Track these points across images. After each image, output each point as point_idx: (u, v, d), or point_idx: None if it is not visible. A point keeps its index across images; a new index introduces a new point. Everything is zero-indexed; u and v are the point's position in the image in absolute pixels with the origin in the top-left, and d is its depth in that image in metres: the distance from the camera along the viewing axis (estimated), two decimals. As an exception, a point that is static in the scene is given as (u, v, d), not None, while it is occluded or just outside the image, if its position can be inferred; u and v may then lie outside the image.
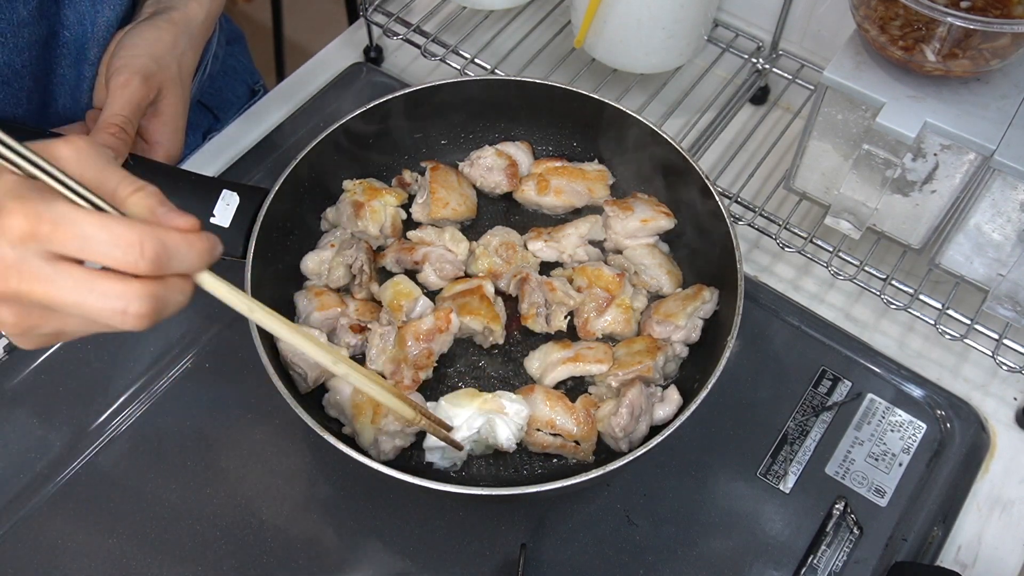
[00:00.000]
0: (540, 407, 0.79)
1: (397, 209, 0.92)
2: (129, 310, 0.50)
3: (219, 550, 0.79)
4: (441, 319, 0.82)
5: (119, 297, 0.50)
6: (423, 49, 1.08)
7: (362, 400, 0.78)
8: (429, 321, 0.82)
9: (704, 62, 1.10)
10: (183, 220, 0.51)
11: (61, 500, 0.81)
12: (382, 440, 0.77)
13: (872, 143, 0.81)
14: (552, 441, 0.78)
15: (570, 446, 0.79)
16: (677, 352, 0.84)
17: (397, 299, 0.84)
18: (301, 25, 2.36)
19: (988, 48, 0.74)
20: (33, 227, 0.48)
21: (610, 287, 0.85)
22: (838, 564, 0.79)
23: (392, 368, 0.81)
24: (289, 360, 0.79)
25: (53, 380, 0.88)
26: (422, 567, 0.79)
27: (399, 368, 0.81)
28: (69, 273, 0.49)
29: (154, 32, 0.81)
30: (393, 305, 0.84)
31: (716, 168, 1.03)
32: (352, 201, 0.90)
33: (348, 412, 0.79)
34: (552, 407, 0.79)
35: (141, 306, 0.50)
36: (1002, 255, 0.82)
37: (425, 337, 0.82)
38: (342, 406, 0.79)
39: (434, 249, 0.88)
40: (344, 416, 0.80)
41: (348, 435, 0.79)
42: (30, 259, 0.49)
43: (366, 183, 0.92)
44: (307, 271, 0.87)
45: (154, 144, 0.82)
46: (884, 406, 0.88)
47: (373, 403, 0.77)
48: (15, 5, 0.79)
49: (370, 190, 0.91)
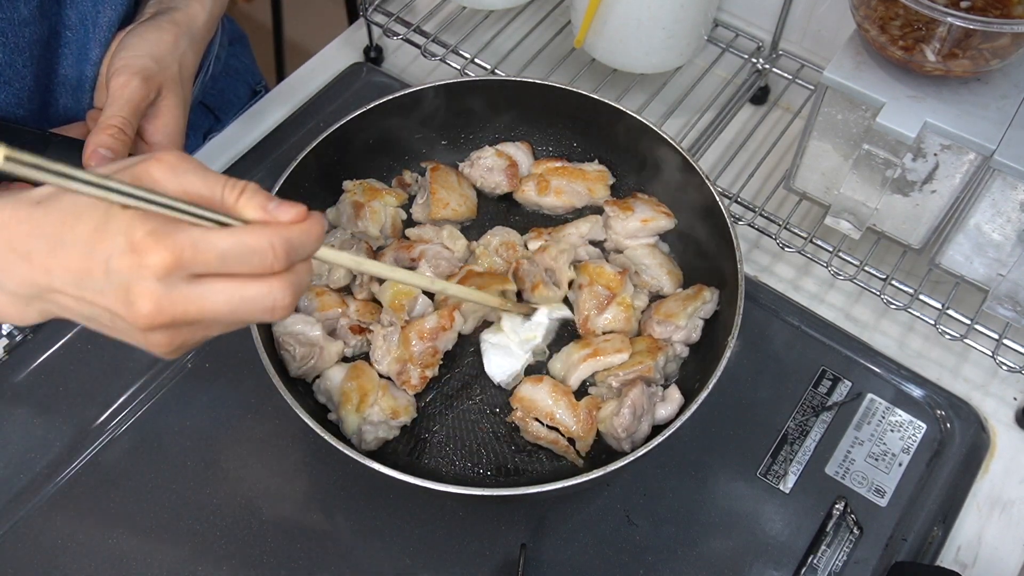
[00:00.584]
0: (543, 397, 0.79)
1: (397, 210, 0.92)
2: (277, 305, 0.54)
3: (219, 550, 0.79)
4: (444, 317, 0.82)
5: (266, 297, 0.54)
6: (423, 49, 1.08)
7: (350, 388, 0.78)
8: (433, 320, 0.82)
9: (704, 62, 1.10)
10: (294, 211, 0.54)
11: (61, 500, 0.81)
12: (366, 430, 0.78)
13: (872, 143, 0.81)
14: (546, 434, 0.79)
15: (563, 443, 0.79)
16: (678, 352, 0.84)
17: (398, 299, 0.84)
18: (301, 25, 2.36)
19: (988, 48, 0.74)
20: (176, 258, 0.51)
21: (611, 285, 0.85)
22: (838, 564, 0.79)
23: (398, 368, 0.82)
24: (281, 340, 0.80)
25: (53, 380, 0.88)
26: (422, 567, 0.79)
27: (405, 368, 0.81)
28: (217, 289, 0.53)
29: (155, 33, 0.81)
30: (395, 305, 0.84)
31: (716, 168, 1.03)
32: (352, 202, 0.90)
33: (336, 399, 0.79)
34: (556, 400, 0.79)
35: (285, 298, 0.55)
36: (1002, 255, 0.82)
37: (430, 336, 0.82)
38: (330, 392, 0.80)
39: (431, 247, 0.88)
40: (331, 403, 0.80)
41: (333, 422, 0.80)
42: (178, 286, 0.52)
43: (366, 184, 0.92)
44: None
45: (154, 145, 0.82)
46: (884, 406, 0.88)
47: (360, 391, 0.78)
48: (16, 4, 0.79)
49: (370, 191, 0.91)
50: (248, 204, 0.54)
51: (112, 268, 0.51)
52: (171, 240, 0.51)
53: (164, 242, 0.50)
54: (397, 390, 0.82)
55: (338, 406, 0.79)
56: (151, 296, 0.51)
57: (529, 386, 0.81)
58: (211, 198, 0.54)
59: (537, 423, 0.79)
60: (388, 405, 0.79)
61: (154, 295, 0.51)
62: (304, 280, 0.57)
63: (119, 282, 0.51)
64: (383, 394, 0.79)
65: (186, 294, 0.52)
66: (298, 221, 0.54)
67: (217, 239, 0.52)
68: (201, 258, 0.51)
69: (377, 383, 0.80)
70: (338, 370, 0.82)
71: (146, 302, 0.51)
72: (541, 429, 0.79)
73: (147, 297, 0.51)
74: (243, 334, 0.76)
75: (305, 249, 0.55)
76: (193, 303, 0.52)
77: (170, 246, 0.50)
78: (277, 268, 0.54)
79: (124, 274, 0.51)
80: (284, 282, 0.55)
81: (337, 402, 0.79)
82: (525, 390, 0.81)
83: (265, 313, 0.55)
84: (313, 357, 0.81)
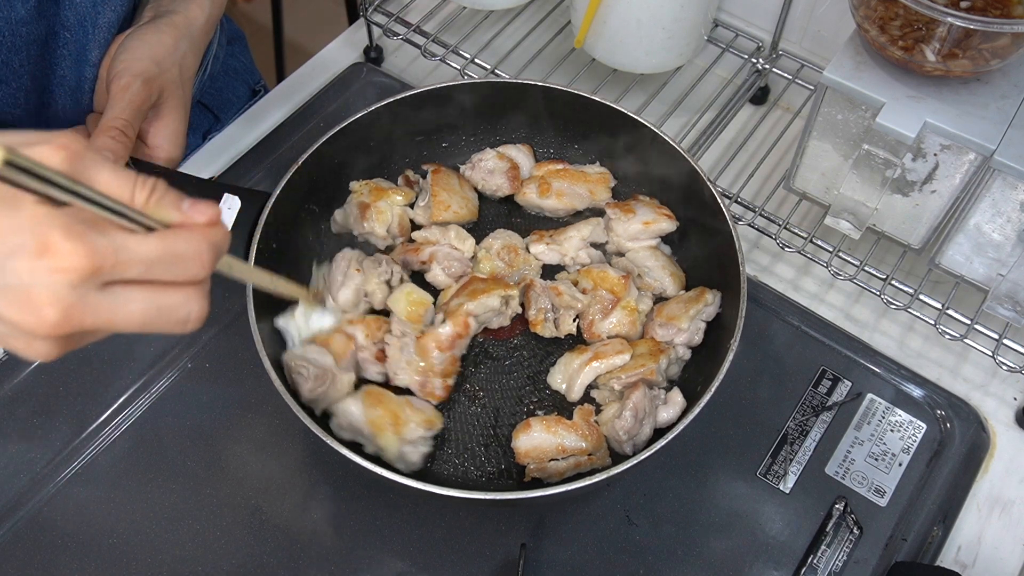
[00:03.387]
0: (543, 437, 0.77)
1: (404, 209, 0.91)
2: (192, 316, 0.51)
3: (219, 550, 0.79)
4: (459, 324, 0.81)
5: (182, 307, 0.50)
6: (423, 49, 1.09)
7: (377, 415, 0.76)
8: (448, 328, 0.80)
9: (704, 62, 1.10)
10: (210, 211, 0.51)
11: (61, 500, 0.81)
12: (407, 451, 0.76)
13: (872, 143, 0.81)
14: (568, 465, 0.77)
15: (584, 461, 0.78)
16: (680, 355, 0.84)
17: (413, 308, 0.82)
18: (301, 25, 2.36)
19: (988, 48, 0.74)
20: (96, 265, 0.45)
21: (615, 289, 0.85)
22: (838, 564, 0.79)
23: (420, 380, 0.80)
24: (293, 365, 0.77)
25: (53, 380, 0.88)
26: (422, 567, 0.79)
27: (427, 379, 0.80)
28: (132, 298, 0.48)
29: (155, 35, 0.81)
30: (412, 316, 0.82)
31: (716, 168, 1.03)
32: (358, 203, 0.89)
33: (367, 431, 0.76)
34: (555, 433, 0.77)
35: (201, 308, 0.51)
36: (1002, 255, 0.82)
37: (448, 344, 0.80)
38: (356, 427, 0.76)
39: (440, 248, 0.88)
40: (362, 436, 0.77)
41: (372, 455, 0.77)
42: (91, 294, 0.46)
43: (372, 184, 0.91)
44: (346, 304, 0.83)
45: (154, 147, 0.82)
46: (884, 406, 0.88)
47: (390, 416, 0.76)
48: (13, 3, 0.79)
49: (376, 190, 0.90)
50: (161, 204, 0.49)
51: (14, 268, 0.45)
52: (91, 244, 0.45)
53: (83, 246, 0.45)
54: (418, 401, 0.80)
55: (372, 437, 0.76)
56: (59, 304, 0.45)
57: (524, 437, 0.78)
58: (122, 196, 0.48)
59: (555, 463, 0.77)
60: (420, 419, 0.77)
61: (63, 303, 0.45)
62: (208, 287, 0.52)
63: (19, 285, 0.45)
64: (411, 410, 0.77)
65: (99, 303, 0.47)
66: (215, 223, 0.51)
67: (142, 245, 0.47)
68: (123, 266, 0.47)
69: (401, 402, 0.78)
70: (353, 403, 0.77)
71: (53, 310, 0.45)
72: (560, 464, 0.77)
73: (55, 305, 0.45)
74: (243, 334, 0.76)
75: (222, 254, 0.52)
76: (104, 313, 0.47)
77: (90, 251, 0.45)
78: (201, 277, 0.50)
79: (28, 277, 0.45)
80: (199, 293, 0.51)
81: (369, 433, 0.76)
82: (523, 444, 0.78)
83: (178, 325, 0.51)
84: (326, 383, 0.77)
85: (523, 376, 0.86)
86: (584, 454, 0.77)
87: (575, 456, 0.77)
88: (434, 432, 0.78)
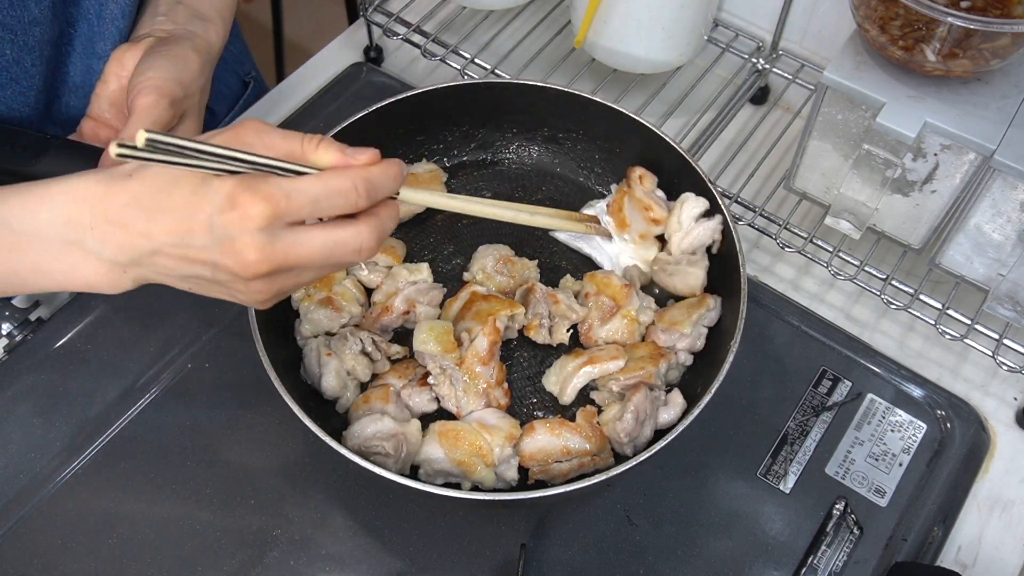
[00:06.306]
0: (547, 440, 0.77)
1: (352, 277, 0.88)
2: (363, 247, 0.60)
3: (219, 550, 0.79)
4: (491, 332, 0.79)
5: (355, 239, 0.59)
6: (423, 49, 1.09)
7: (463, 454, 0.75)
8: (483, 341, 0.79)
9: (704, 62, 1.10)
10: (368, 154, 0.60)
11: (61, 500, 0.81)
12: (502, 472, 0.76)
13: (872, 143, 0.81)
14: (572, 466, 0.77)
15: (588, 462, 0.77)
16: (681, 360, 0.84)
17: (445, 337, 0.80)
18: (301, 25, 2.36)
19: (988, 48, 0.74)
20: (274, 207, 0.55)
21: (617, 297, 0.85)
22: (838, 564, 0.79)
23: (484, 400, 0.79)
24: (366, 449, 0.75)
25: (53, 380, 0.88)
26: (422, 567, 0.79)
27: (488, 395, 0.79)
28: (313, 234, 0.58)
29: (182, 59, 0.80)
30: (448, 347, 0.79)
31: (716, 168, 1.03)
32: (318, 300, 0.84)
33: (457, 471, 0.75)
34: (559, 435, 0.77)
35: (371, 239, 0.60)
36: (1002, 255, 0.82)
37: (489, 356, 0.79)
38: (447, 472, 0.76)
39: (405, 291, 0.85)
40: (455, 476, 0.76)
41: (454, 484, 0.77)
42: (279, 235, 0.56)
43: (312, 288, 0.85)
44: (332, 391, 0.80)
45: None
46: (884, 406, 0.88)
47: (475, 451, 0.75)
48: (27, 3, 0.78)
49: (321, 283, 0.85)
50: (326, 153, 0.59)
51: (215, 224, 0.55)
52: (266, 191, 0.55)
53: (261, 194, 0.55)
54: (488, 416, 0.79)
55: (466, 475, 0.75)
56: (256, 245, 0.56)
57: (529, 441, 0.78)
58: (292, 152, 0.58)
59: (559, 464, 0.77)
60: (501, 438, 0.76)
61: (258, 244, 0.56)
62: (387, 225, 0.61)
63: (223, 236, 0.55)
64: (490, 435, 0.76)
65: (287, 241, 0.57)
66: (374, 163, 0.59)
67: (306, 185, 0.57)
68: (295, 205, 0.56)
69: (476, 431, 0.77)
70: (432, 449, 0.76)
71: (252, 251, 0.56)
72: (564, 466, 0.77)
73: (252, 247, 0.56)
74: (243, 333, 0.76)
75: (385, 188, 0.60)
76: (293, 249, 0.57)
77: (267, 196, 0.55)
78: (361, 205, 0.59)
79: (228, 228, 0.55)
80: (369, 225, 0.60)
81: (462, 473, 0.75)
82: (527, 447, 0.77)
83: (354, 255, 0.60)
84: (403, 444, 0.75)
85: (522, 377, 0.85)
86: (588, 455, 0.77)
87: (579, 457, 0.77)
88: (516, 441, 0.77)
